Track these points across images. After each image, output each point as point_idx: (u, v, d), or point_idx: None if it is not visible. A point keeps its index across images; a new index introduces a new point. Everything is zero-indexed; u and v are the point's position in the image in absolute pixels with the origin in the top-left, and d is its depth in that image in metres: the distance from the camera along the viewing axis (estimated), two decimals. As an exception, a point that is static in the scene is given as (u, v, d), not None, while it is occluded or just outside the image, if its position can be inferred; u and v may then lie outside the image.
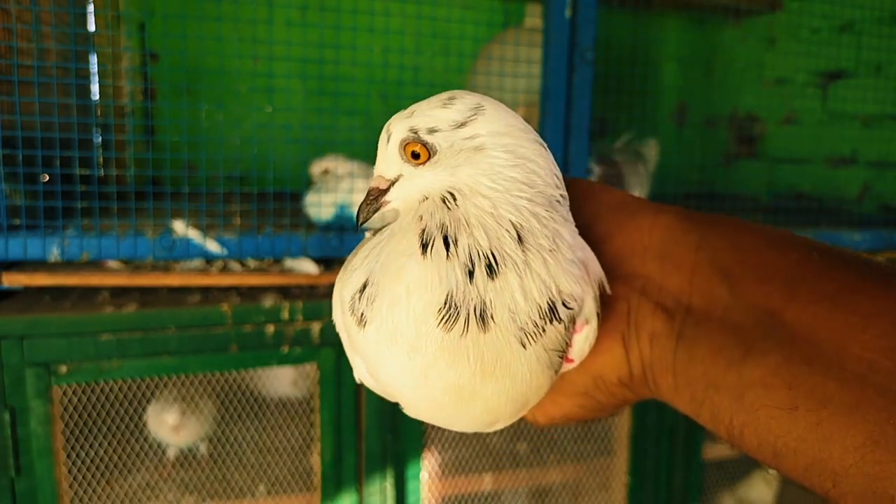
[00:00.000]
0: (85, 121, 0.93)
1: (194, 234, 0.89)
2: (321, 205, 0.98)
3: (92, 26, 1.03)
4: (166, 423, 0.95)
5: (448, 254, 0.31)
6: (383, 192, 0.36)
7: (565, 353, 0.35)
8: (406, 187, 0.35)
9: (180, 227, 0.89)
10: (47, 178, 0.88)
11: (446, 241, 0.32)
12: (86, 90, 1.00)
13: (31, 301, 0.85)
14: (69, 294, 0.88)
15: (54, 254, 0.84)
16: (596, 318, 0.36)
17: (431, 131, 0.33)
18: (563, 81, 1.03)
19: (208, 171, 1.01)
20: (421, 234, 0.32)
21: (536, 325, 0.32)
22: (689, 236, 0.37)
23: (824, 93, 1.41)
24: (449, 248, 0.31)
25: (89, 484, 0.89)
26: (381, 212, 0.37)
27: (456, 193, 0.33)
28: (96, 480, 0.90)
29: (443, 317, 0.30)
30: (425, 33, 1.02)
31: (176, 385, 0.96)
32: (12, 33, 0.81)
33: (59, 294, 0.88)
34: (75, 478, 0.87)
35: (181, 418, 0.95)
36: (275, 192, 0.96)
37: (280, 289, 0.94)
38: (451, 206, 0.33)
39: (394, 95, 1.22)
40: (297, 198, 1.04)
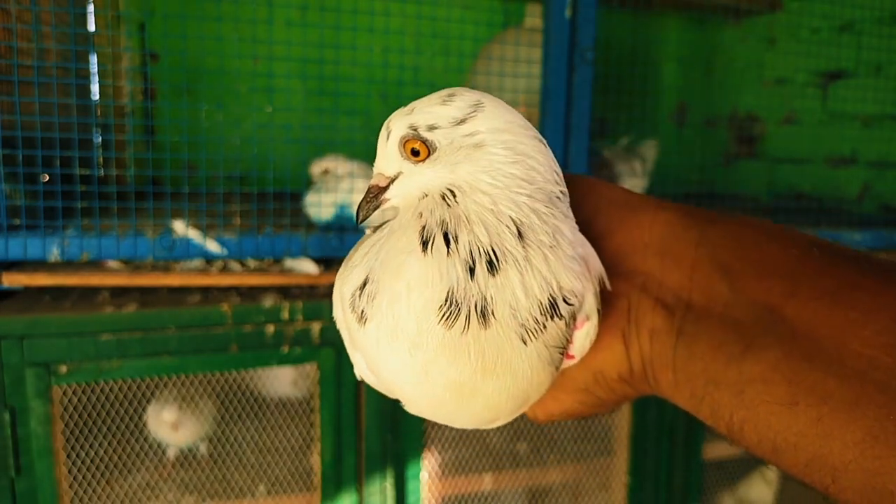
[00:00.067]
0: (85, 121, 0.93)
1: (194, 234, 0.89)
2: (321, 205, 0.98)
3: (92, 26, 1.03)
4: (166, 422, 0.95)
5: (448, 250, 0.31)
6: (383, 189, 0.36)
7: (566, 350, 0.35)
8: (406, 185, 0.35)
9: (180, 227, 0.89)
10: (47, 178, 0.88)
11: (446, 238, 0.31)
12: (86, 90, 1.00)
13: (31, 301, 0.85)
14: (69, 294, 0.88)
15: (54, 254, 0.84)
16: (596, 315, 0.36)
17: (431, 128, 0.33)
18: (563, 81, 1.03)
19: (208, 171, 1.01)
20: (421, 231, 0.32)
21: (537, 321, 0.32)
22: (690, 233, 0.37)
23: (824, 93, 1.41)
24: (449, 245, 0.31)
25: (89, 484, 0.89)
26: (380, 209, 0.37)
27: (456, 190, 0.33)
28: (96, 480, 0.90)
29: (444, 314, 0.30)
30: (425, 33, 1.02)
31: (176, 385, 0.96)
32: (12, 33, 0.81)
33: (59, 294, 0.88)
34: (75, 478, 0.87)
35: (179, 415, 0.95)
36: (275, 192, 0.96)
37: (280, 289, 0.94)
38: (451, 202, 0.33)
39: (394, 95, 1.22)
40: (297, 198, 1.04)
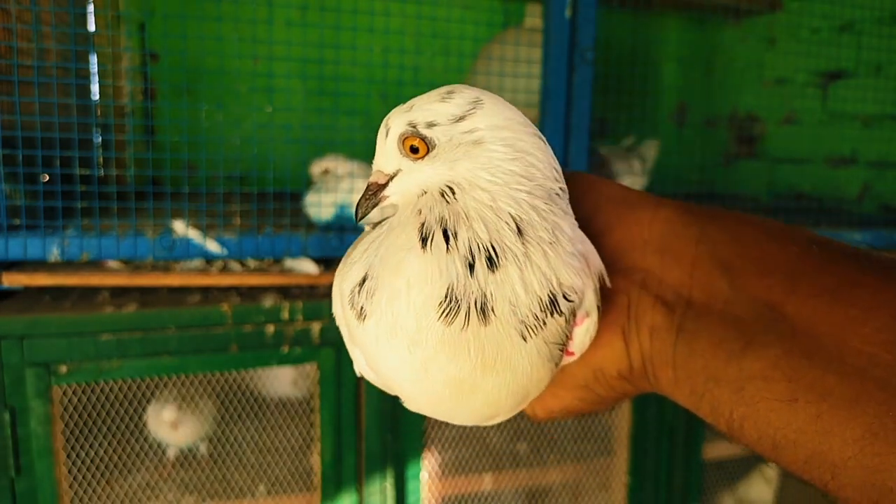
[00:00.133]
0: (85, 121, 0.93)
1: (194, 234, 0.89)
2: (321, 205, 0.98)
3: (92, 26, 1.03)
4: (166, 422, 0.95)
5: (448, 247, 0.31)
6: (382, 186, 0.36)
7: (566, 346, 0.35)
8: (405, 182, 0.35)
9: (180, 227, 0.89)
10: (47, 178, 0.88)
11: (446, 235, 0.31)
12: (86, 90, 1.00)
13: (31, 301, 0.85)
14: (69, 294, 0.88)
15: (54, 254, 0.84)
16: (596, 311, 0.36)
17: (430, 125, 0.33)
18: (563, 81, 1.03)
19: (208, 171, 1.01)
20: (420, 228, 0.32)
21: (537, 317, 0.32)
22: (690, 230, 0.37)
23: (824, 93, 1.41)
24: (449, 242, 0.31)
25: (89, 484, 0.89)
26: (379, 207, 0.37)
27: (455, 187, 0.33)
28: (96, 480, 0.90)
29: (443, 310, 0.30)
30: (425, 33, 1.02)
31: (176, 385, 0.96)
32: (12, 33, 0.81)
33: (59, 294, 0.88)
34: (75, 478, 0.87)
35: (179, 415, 0.95)
36: (275, 192, 0.96)
37: (280, 289, 0.94)
38: (450, 199, 0.33)
39: (394, 95, 1.22)
40: (297, 198, 1.04)
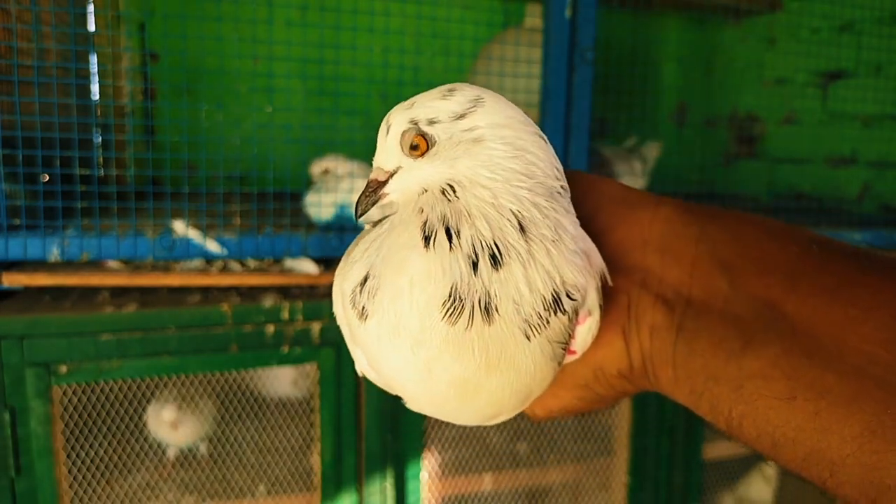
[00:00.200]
0: (85, 121, 0.93)
1: (194, 234, 0.89)
2: (321, 205, 0.98)
3: (92, 26, 1.03)
4: (166, 422, 0.95)
5: (451, 245, 0.31)
6: (382, 183, 0.36)
7: (568, 345, 0.35)
8: (405, 179, 0.35)
9: (180, 227, 0.89)
10: (47, 178, 0.88)
11: (448, 233, 0.31)
12: (86, 90, 1.00)
13: (31, 301, 0.85)
14: (69, 294, 0.88)
15: (54, 254, 0.84)
16: (598, 310, 0.36)
17: (431, 122, 0.33)
18: (563, 81, 1.03)
19: (208, 171, 1.01)
20: (423, 227, 0.32)
21: (541, 316, 0.31)
22: (690, 229, 0.37)
23: (824, 93, 1.41)
24: (452, 240, 0.31)
25: (89, 484, 0.89)
26: (379, 204, 0.36)
27: (455, 185, 0.33)
28: (96, 480, 0.90)
29: (447, 310, 0.30)
30: (425, 33, 1.02)
31: (176, 385, 0.96)
32: (12, 33, 0.81)
33: (59, 294, 0.88)
34: (75, 478, 0.87)
35: (179, 415, 0.95)
36: (275, 192, 0.96)
37: (280, 289, 0.94)
38: (451, 197, 0.32)
39: (394, 95, 1.21)
40: (297, 198, 1.04)
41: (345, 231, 0.96)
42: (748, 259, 0.34)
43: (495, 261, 0.31)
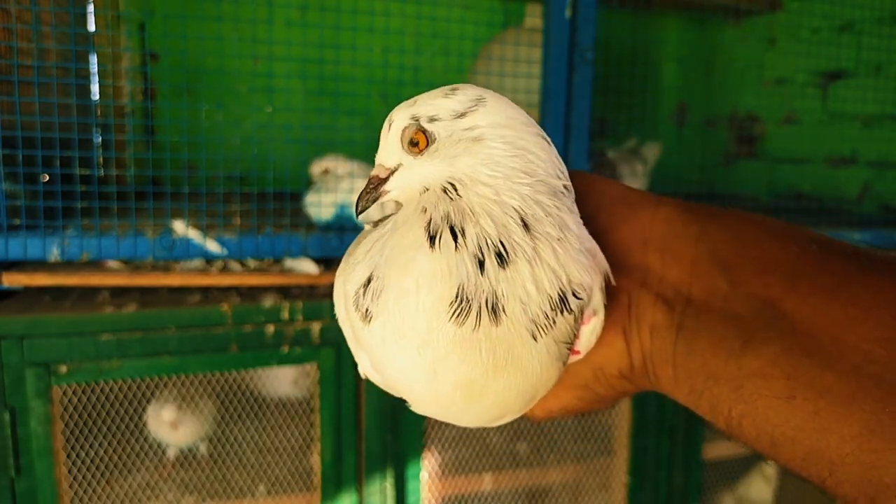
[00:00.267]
0: (85, 121, 0.93)
1: (194, 234, 0.89)
2: (321, 205, 0.98)
3: (92, 26, 1.03)
4: (166, 422, 0.95)
5: (457, 245, 0.31)
6: (383, 180, 0.36)
7: (572, 345, 0.34)
8: (405, 177, 0.35)
9: (180, 227, 0.89)
10: (47, 178, 0.88)
11: (453, 232, 0.31)
12: (86, 90, 1.00)
13: (31, 301, 0.85)
14: (69, 294, 0.88)
15: (54, 254, 0.84)
16: (603, 310, 0.36)
17: (432, 120, 0.33)
18: (563, 81, 1.03)
19: (208, 171, 1.01)
20: (427, 227, 0.31)
21: (548, 316, 0.31)
22: (690, 228, 0.37)
23: (824, 93, 1.41)
24: (457, 239, 0.31)
25: (89, 484, 0.89)
26: (379, 201, 0.36)
27: (456, 183, 0.32)
28: (96, 480, 0.90)
29: (454, 310, 0.30)
30: (425, 33, 1.02)
31: (176, 385, 0.96)
32: (12, 33, 0.81)
33: (59, 294, 0.88)
34: (75, 478, 0.87)
35: (179, 414, 0.95)
36: (275, 192, 0.96)
37: (280, 289, 0.94)
38: (454, 196, 0.32)
39: (394, 95, 1.21)
40: (297, 198, 1.04)
41: (345, 231, 0.96)
42: (748, 258, 0.34)
43: (502, 259, 0.30)
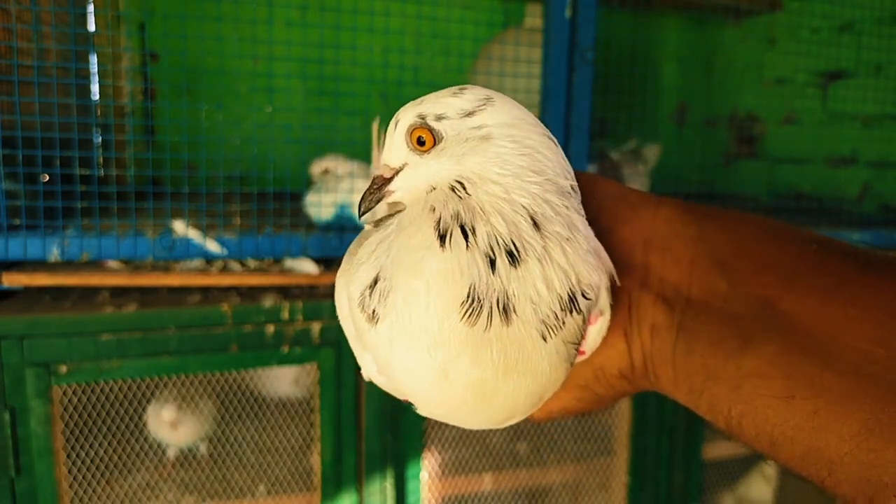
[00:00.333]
0: (85, 121, 0.93)
1: (194, 234, 0.89)
2: (321, 205, 0.98)
3: (92, 26, 1.03)
4: (166, 422, 0.95)
5: (467, 244, 0.30)
6: (387, 180, 0.35)
7: (579, 346, 0.34)
8: (410, 176, 0.34)
9: (180, 227, 0.89)
10: (47, 178, 0.88)
11: (464, 231, 0.30)
12: (86, 90, 1.00)
13: (31, 301, 0.85)
14: (69, 294, 0.88)
15: (54, 254, 0.84)
16: (609, 310, 0.35)
17: (439, 118, 0.33)
18: (563, 81, 1.03)
19: (208, 171, 1.01)
20: (436, 225, 0.31)
21: (557, 317, 0.31)
22: (689, 229, 0.37)
23: (824, 93, 1.41)
24: (468, 238, 0.30)
25: (89, 484, 0.89)
26: (383, 202, 0.36)
27: (465, 182, 0.32)
28: (96, 480, 0.90)
29: (466, 311, 0.29)
30: (425, 33, 1.02)
31: (176, 385, 0.96)
32: (12, 33, 0.81)
33: (59, 294, 0.88)
34: (75, 478, 0.87)
35: (179, 414, 0.95)
36: (275, 192, 0.96)
37: (280, 289, 0.94)
38: (462, 194, 0.32)
39: (394, 95, 1.22)
40: (297, 198, 1.04)
41: (345, 231, 0.96)
42: (746, 258, 0.34)
43: (513, 258, 0.30)
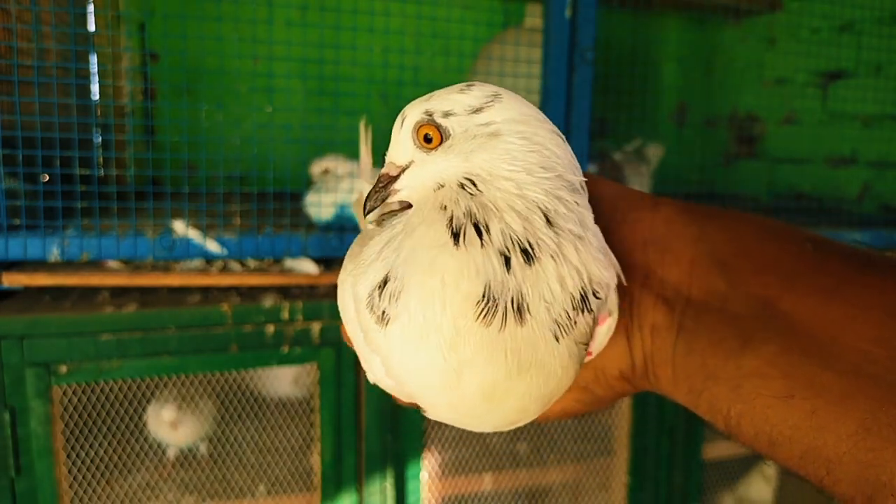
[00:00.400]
0: (85, 121, 0.93)
1: (194, 234, 0.89)
2: (321, 205, 0.98)
3: (92, 26, 1.03)
4: (166, 422, 0.95)
5: (482, 242, 0.29)
6: (393, 179, 0.35)
7: (588, 346, 0.33)
8: (417, 174, 0.33)
9: (180, 227, 0.89)
10: (47, 178, 0.88)
11: (477, 229, 0.30)
12: (86, 90, 1.00)
13: (31, 301, 0.85)
14: (69, 294, 0.88)
15: (54, 254, 0.84)
16: (617, 311, 0.35)
17: (447, 115, 0.32)
18: (563, 81, 1.03)
19: (208, 171, 1.01)
20: (449, 224, 0.30)
21: (569, 316, 0.30)
22: (689, 229, 0.37)
23: (824, 93, 1.41)
24: (482, 236, 0.30)
25: (89, 484, 0.89)
26: (389, 200, 0.35)
27: (475, 179, 0.31)
28: (96, 480, 0.90)
29: (481, 310, 0.29)
30: (425, 33, 1.02)
31: (176, 385, 0.96)
32: (12, 33, 0.81)
33: (59, 294, 0.88)
34: (75, 478, 0.87)
35: (179, 414, 0.95)
36: (275, 192, 0.96)
37: (280, 289, 0.94)
38: (474, 191, 0.31)
39: (394, 95, 1.22)
40: (297, 198, 1.04)
41: (345, 231, 0.96)
42: (746, 258, 0.34)
43: (528, 256, 0.29)
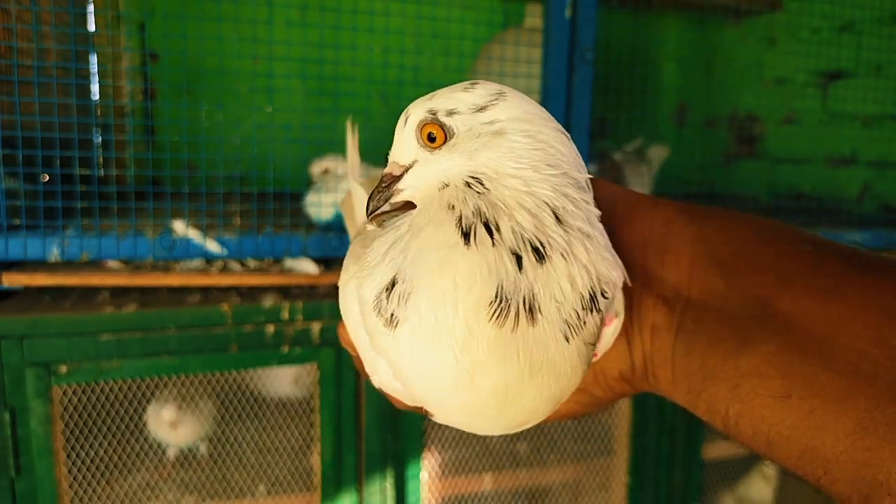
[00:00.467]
0: (85, 121, 0.93)
1: (194, 234, 0.89)
2: (321, 205, 0.98)
3: (92, 26, 1.03)
4: (166, 422, 0.95)
5: (493, 241, 0.29)
6: (396, 178, 0.34)
7: (595, 347, 0.33)
8: (420, 174, 0.33)
9: (180, 227, 0.89)
10: (47, 178, 0.88)
11: (487, 228, 0.29)
12: (86, 90, 1.00)
13: (31, 301, 0.85)
14: (69, 294, 0.88)
15: (54, 254, 0.84)
16: (624, 311, 0.35)
17: (450, 113, 0.32)
18: (563, 81, 1.03)
19: (208, 171, 1.01)
20: (458, 223, 0.30)
21: (579, 316, 0.30)
22: (688, 230, 0.37)
23: (824, 93, 1.41)
24: (493, 235, 0.29)
25: (89, 484, 0.89)
26: (392, 200, 0.34)
27: (481, 177, 0.31)
28: (96, 480, 0.90)
29: (494, 311, 0.28)
30: (425, 33, 1.02)
31: (176, 385, 0.96)
32: (12, 33, 0.81)
33: (59, 294, 0.88)
34: (75, 478, 0.87)
35: (179, 414, 0.95)
36: (275, 192, 0.96)
37: (280, 289, 0.94)
38: (481, 190, 0.31)
39: (394, 95, 1.22)
40: (297, 198, 1.04)
41: (345, 231, 0.96)
42: (743, 258, 0.34)
43: (539, 255, 0.29)
